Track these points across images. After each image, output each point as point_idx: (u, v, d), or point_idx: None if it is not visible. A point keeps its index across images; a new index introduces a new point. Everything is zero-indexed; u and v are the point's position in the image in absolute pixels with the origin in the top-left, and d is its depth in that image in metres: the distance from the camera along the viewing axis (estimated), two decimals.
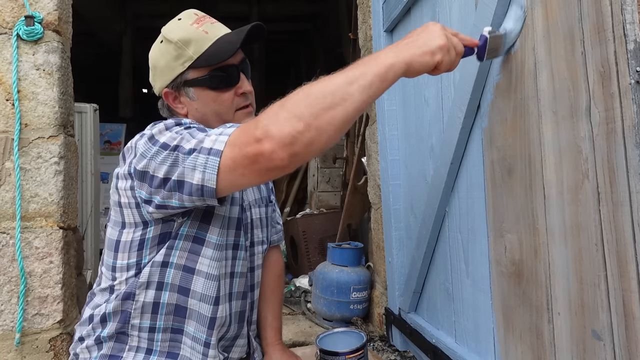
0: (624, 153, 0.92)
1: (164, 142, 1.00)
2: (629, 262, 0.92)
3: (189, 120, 1.09)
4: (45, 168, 2.25)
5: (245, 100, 1.18)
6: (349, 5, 5.55)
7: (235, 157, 0.89)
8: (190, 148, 0.96)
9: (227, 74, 1.14)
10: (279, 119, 0.85)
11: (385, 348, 2.49)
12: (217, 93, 1.15)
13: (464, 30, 1.57)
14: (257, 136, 0.86)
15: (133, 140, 1.11)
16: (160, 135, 1.02)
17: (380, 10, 2.39)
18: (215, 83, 1.14)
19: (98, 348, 1.17)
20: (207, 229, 1.14)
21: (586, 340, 1.05)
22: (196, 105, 1.18)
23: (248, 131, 0.89)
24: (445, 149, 1.71)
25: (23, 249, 2.21)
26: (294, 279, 3.69)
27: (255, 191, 1.34)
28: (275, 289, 1.45)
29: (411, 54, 0.94)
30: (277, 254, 1.51)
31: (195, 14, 1.19)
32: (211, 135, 0.96)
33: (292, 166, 0.88)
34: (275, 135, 0.84)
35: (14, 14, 2.26)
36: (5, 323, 2.19)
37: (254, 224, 1.30)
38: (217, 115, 1.17)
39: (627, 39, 0.91)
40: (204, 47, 1.12)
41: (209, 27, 1.15)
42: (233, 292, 1.24)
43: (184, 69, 1.15)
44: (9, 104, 2.23)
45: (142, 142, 1.05)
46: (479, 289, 1.56)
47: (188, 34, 1.14)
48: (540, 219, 1.20)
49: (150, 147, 1.02)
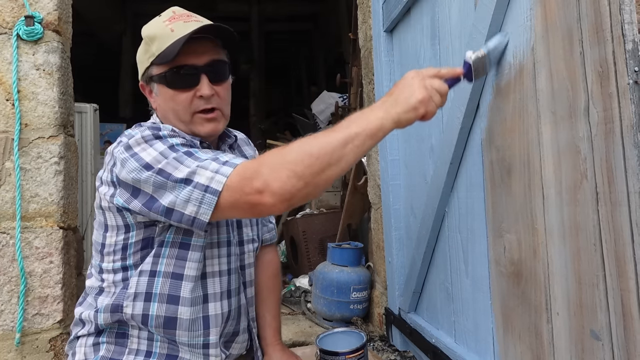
0: (623, 153, 0.92)
1: (147, 163, 1.01)
2: (627, 262, 0.92)
3: (168, 132, 1.08)
4: (46, 168, 2.25)
5: (205, 103, 1.15)
6: (349, 5, 5.56)
7: (235, 202, 0.97)
8: (182, 178, 0.98)
9: (183, 74, 1.13)
10: (281, 176, 0.92)
11: (385, 348, 2.49)
12: (174, 92, 1.14)
13: (464, 30, 1.57)
14: (258, 188, 0.93)
15: (111, 147, 1.13)
16: (139, 147, 1.03)
17: (380, 10, 2.39)
18: (171, 82, 1.14)
19: (95, 350, 1.18)
20: (192, 233, 1.14)
21: (585, 340, 1.05)
22: (159, 101, 1.19)
23: (248, 179, 0.95)
24: (444, 149, 1.71)
25: (23, 249, 2.21)
26: (294, 279, 3.69)
27: None
28: (272, 288, 1.45)
29: (397, 112, 1.00)
30: (272, 253, 1.50)
31: (174, 11, 1.19)
32: (204, 167, 0.98)
33: (286, 211, 1.00)
34: (277, 191, 0.92)
35: (14, 14, 2.26)
36: (5, 323, 2.19)
37: (242, 222, 1.31)
38: (175, 114, 1.16)
39: (626, 39, 0.91)
40: (165, 45, 1.11)
41: (179, 25, 1.13)
42: (231, 289, 1.24)
43: (149, 64, 1.16)
44: (9, 104, 2.23)
45: (120, 150, 1.06)
46: (479, 288, 1.56)
47: (155, 30, 1.15)
48: (539, 219, 1.20)
49: (130, 160, 1.03)
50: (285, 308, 3.30)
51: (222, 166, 0.98)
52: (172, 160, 1.00)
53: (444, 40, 1.75)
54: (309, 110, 6.06)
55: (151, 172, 1.00)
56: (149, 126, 1.11)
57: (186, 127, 1.18)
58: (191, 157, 1.01)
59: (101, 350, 1.17)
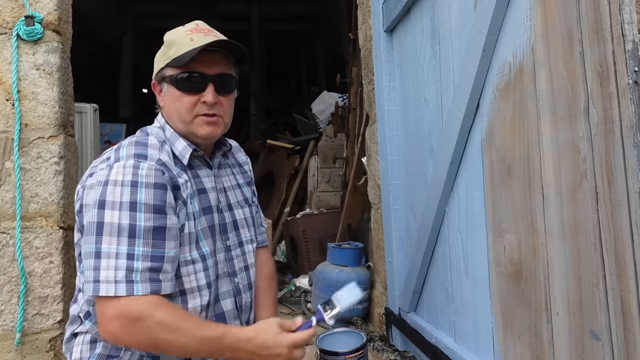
0: (622, 153, 0.92)
1: (104, 216, 1.09)
2: (627, 262, 0.92)
3: (147, 170, 1.13)
4: (46, 168, 2.25)
5: (208, 109, 1.23)
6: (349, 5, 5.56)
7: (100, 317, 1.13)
8: (96, 252, 1.09)
9: (193, 80, 1.22)
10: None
11: (385, 348, 2.49)
12: (181, 93, 1.22)
13: (464, 30, 1.58)
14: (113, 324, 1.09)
15: (98, 165, 1.19)
16: (111, 195, 1.10)
17: (380, 10, 2.40)
18: (180, 83, 1.22)
19: (92, 347, 1.19)
20: (186, 250, 1.19)
21: (584, 340, 1.05)
22: (166, 100, 1.26)
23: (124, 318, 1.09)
24: (444, 149, 1.71)
25: (23, 249, 2.21)
26: (294, 279, 3.69)
27: (238, 194, 1.40)
28: (268, 290, 1.47)
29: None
30: (266, 255, 1.53)
31: (197, 24, 1.29)
32: (114, 267, 1.08)
33: None
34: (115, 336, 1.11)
35: (14, 14, 2.26)
36: (5, 323, 2.19)
37: (239, 224, 1.36)
38: (178, 114, 1.24)
39: (625, 39, 0.91)
40: (182, 51, 1.20)
41: (199, 36, 1.22)
42: (219, 292, 1.27)
43: (164, 65, 1.24)
44: (9, 104, 2.23)
45: (98, 180, 1.13)
46: (478, 288, 1.56)
47: (176, 37, 1.24)
48: (539, 219, 1.20)
49: (97, 192, 1.11)
50: (285, 308, 3.31)
51: (124, 283, 1.06)
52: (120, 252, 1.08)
53: (444, 40, 1.76)
54: (309, 110, 6.06)
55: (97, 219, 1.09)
56: (135, 154, 1.16)
57: (185, 128, 1.24)
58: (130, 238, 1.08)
59: (98, 348, 1.19)
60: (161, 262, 1.10)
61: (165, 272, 1.11)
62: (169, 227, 1.12)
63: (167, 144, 1.24)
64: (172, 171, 1.18)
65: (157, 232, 1.10)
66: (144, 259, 1.08)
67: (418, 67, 2.03)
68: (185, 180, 1.21)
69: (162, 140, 1.24)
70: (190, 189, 1.22)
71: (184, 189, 1.19)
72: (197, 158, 1.28)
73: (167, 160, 1.19)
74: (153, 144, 1.21)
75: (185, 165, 1.23)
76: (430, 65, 1.89)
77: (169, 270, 1.12)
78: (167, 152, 1.22)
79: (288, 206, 4.91)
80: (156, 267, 1.09)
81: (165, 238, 1.11)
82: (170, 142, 1.24)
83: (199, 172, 1.28)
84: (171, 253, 1.12)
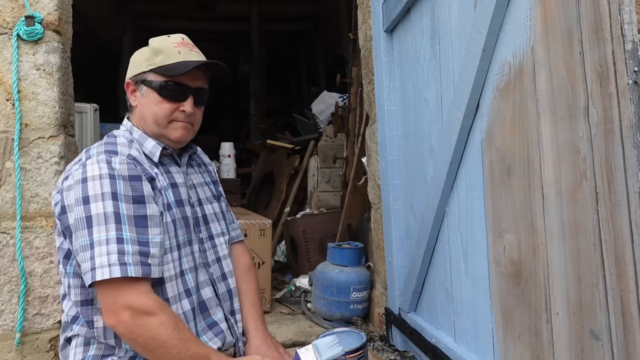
0: (622, 153, 0.92)
1: (91, 210, 1.13)
2: (626, 262, 0.92)
3: (119, 164, 1.18)
4: (46, 168, 2.26)
5: (185, 117, 1.31)
6: (349, 5, 5.56)
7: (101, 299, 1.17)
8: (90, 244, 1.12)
9: (176, 89, 1.29)
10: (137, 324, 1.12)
11: (385, 348, 2.49)
12: (161, 99, 1.29)
13: (464, 30, 1.58)
14: (119, 307, 1.12)
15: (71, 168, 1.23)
16: (92, 189, 1.13)
17: (380, 10, 2.40)
18: (164, 91, 1.29)
19: (85, 350, 1.22)
20: (165, 238, 1.22)
21: (584, 340, 1.05)
22: (143, 102, 1.32)
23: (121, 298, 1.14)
24: (444, 149, 1.71)
25: (23, 249, 2.21)
26: (294, 279, 3.69)
27: (206, 191, 1.47)
28: (247, 279, 1.52)
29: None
30: (242, 248, 1.59)
31: (183, 38, 1.37)
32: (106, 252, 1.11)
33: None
34: (121, 323, 1.13)
35: (14, 14, 2.26)
36: (5, 323, 2.19)
37: (209, 218, 1.42)
38: (154, 117, 1.30)
39: (625, 39, 0.91)
40: (169, 61, 1.29)
41: (185, 50, 1.32)
42: (190, 287, 1.29)
43: (147, 69, 1.30)
44: (9, 104, 2.23)
45: (74, 180, 1.17)
46: (479, 288, 1.56)
47: (164, 46, 1.32)
48: (538, 219, 1.20)
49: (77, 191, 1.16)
50: (285, 308, 3.30)
51: (117, 265, 1.10)
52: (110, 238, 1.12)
53: (444, 40, 1.76)
54: (309, 110, 6.05)
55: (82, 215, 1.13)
56: (106, 151, 1.22)
57: (158, 130, 1.31)
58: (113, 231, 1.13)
59: (91, 350, 1.22)
60: (147, 247, 1.14)
61: (154, 257, 1.15)
62: (150, 215, 1.17)
63: (136, 144, 1.30)
64: (143, 165, 1.24)
65: (138, 220, 1.15)
66: (132, 242, 1.12)
67: (418, 67, 2.03)
68: (157, 173, 1.26)
69: (129, 140, 1.31)
70: (163, 181, 1.28)
71: (158, 180, 1.25)
72: (167, 156, 1.35)
73: (138, 155, 1.26)
74: (122, 142, 1.29)
75: (155, 162, 1.30)
76: (430, 65, 1.89)
77: (157, 254, 1.16)
78: (136, 150, 1.28)
79: (288, 206, 4.90)
80: (144, 252, 1.13)
81: (148, 225, 1.16)
82: (139, 142, 1.31)
83: (170, 168, 1.35)
84: (157, 239, 1.17)
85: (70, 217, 1.16)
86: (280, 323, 2.95)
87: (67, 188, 1.18)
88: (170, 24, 8.20)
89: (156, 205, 1.21)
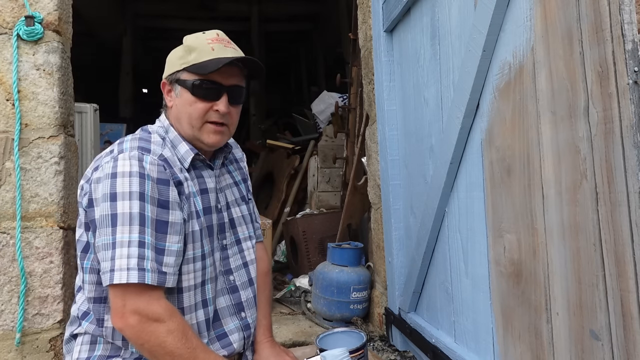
0: (622, 153, 0.92)
1: (117, 208, 1.11)
2: (627, 262, 0.92)
3: (149, 164, 1.15)
4: (46, 168, 2.25)
5: (219, 117, 1.26)
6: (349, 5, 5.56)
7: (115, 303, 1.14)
8: (113, 243, 1.10)
9: (209, 88, 1.24)
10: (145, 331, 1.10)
11: (385, 348, 2.49)
12: (195, 99, 1.24)
13: (464, 30, 1.58)
14: (130, 311, 1.10)
15: (102, 160, 1.19)
16: (120, 186, 1.11)
17: (380, 10, 2.40)
18: (196, 90, 1.24)
19: (91, 349, 1.21)
20: (189, 248, 1.20)
21: (584, 340, 1.05)
22: (177, 102, 1.28)
23: (140, 303, 1.12)
24: (444, 148, 1.71)
25: (23, 249, 2.21)
26: (294, 279, 3.69)
27: (235, 192, 1.42)
28: (263, 286, 1.48)
29: None
30: (262, 251, 1.54)
31: (217, 34, 1.32)
32: (127, 255, 1.09)
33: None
34: (130, 327, 1.11)
35: (14, 14, 2.26)
36: (5, 323, 2.19)
37: (236, 222, 1.39)
38: (188, 118, 1.26)
39: (625, 39, 0.91)
40: (202, 59, 1.23)
41: (219, 47, 1.26)
42: (207, 298, 1.27)
43: (180, 68, 1.26)
44: (9, 104, 2.23)
45: (104, 174, 1.14)
46: (479, 288, 1.56)
47: (197, 44, 1.26)
48: (538, 219, 1.20)
49: (105, 186, 1.13)
50: (285, 308, 3.30)
51: (136, 270, 1.08)
52: (134, 242, 1.09)
53: (444, 40, 1.76)
54: (309, 110, 6.05)
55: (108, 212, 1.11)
56: (139, 147, 1.18)
57: (192, 133, 1.26)
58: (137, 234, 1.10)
59: (98, 350, 1.20)
60: (162, 255, 1.12)
61: (168, 266, 1.12)
62: (171, 222, 1.14)
63: (169, 144, 1.26)
64: (173, 167, 1.20)
65: (160, 225, 1.12)
66: (152, 248, 1.10)
67: (418, 67, 2.03)
68: (186, 178, 1.23)
69: (163, 137, 1.27)
70: (192, 187, 1.24)
71: (187, 186, 1.22)
72: (199, 161, 1.30)
73: (170, 156, 1.22)
74: (156, 140, 1.24)
75: (186, 167, 1.25)
76: (430, 65, 1.89)
77: (172, 264, 1.13)
78: (169, 150, 1.24)
79: (288, 206, 4.91)
80: (160, 260, 1.11)
81: (167, 232, 1.13)
82: (172, 144, 1.27)
83: (202, 172, 1.31)
84: (174, 247, 1.14)
85: (97, 212, 1.13)
86: (280, 323, 2.95)
87: (96, 180, 1.15)
88: (170, 24, 8.21)
89: (180, 212, 1.18)
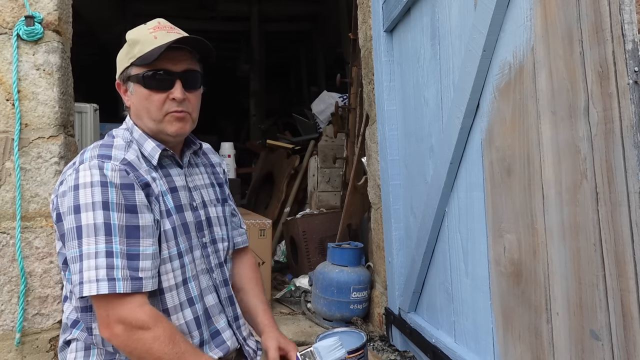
0: (622, 153, 0.92)
1: (81, 220, 1.10)
2: (627, 262, 0.92)
3: (111, 171, 1.14)
4: (46, 168, 2.25)
5: (177, 105, 1.22)
6: (349, 5, 5.55)
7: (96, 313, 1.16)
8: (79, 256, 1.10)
9: (161, 77, 1.21)
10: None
11: (385, 348, 2.49)
12: (149, 92, 1.21)
13: (464, 30, 1.57)
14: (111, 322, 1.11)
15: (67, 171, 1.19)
16: (83, 197, 1.10)
17: (380, 10, 2.40)
18: (148, 82, 1.21)
19: (86, 355, 1.20)
20: (164, 247, 1.19)
21: (584, 340, 1.05)
22: (134, 100, 1.26)
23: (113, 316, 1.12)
24: (444, 149, 1.71)
25: (23, 249, 2.21)
26: (294, 279, 3.69)
27: (210, 193, 1.41)
28: (256, 280, 1.50)
29: None
30: (249, 253, 1.56)
31: (159, 22, 1.29)
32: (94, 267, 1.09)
33: None
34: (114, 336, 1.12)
35: (14, 14, 2.26)
36: (5, 323, 2.19)
37: (212, 222, 1.37)
38: (148, 113, 1.23)
39: (626, 39, 0.91)
40: (146, 49, 1.20)
41: (162, 34, 1.22)
42: (202, 289, 1.27)
43: (128, 64, 1.24)
44: (9, 104, 2.23)
45: (67, 186, 1.14)
46: (478, 288, 1.56)
47: (139, 36, 1.24)
48: (539, 219, 1.20)
49: (69, 198, 1.12)
50: (285, 308, 3.31)
51: (106, 281, 1.07)
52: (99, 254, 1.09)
53: (444, 40, 1.76)
54: (309, 110, 6.05)
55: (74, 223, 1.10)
56: (99, 155, 1.17)
57: (156, 126, 1.24)
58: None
59: (93, 356, 1.20)
60: (137, 260, 1.11)
61: (145, 270, 1.11)
62: (142, 226, 1.13)
63: (135, 145, 1.24)
64: (138, 170, 1.18)
65: (130, 231, 1.11)
66: (122, 256, 1.09)
67: (418, 67, 2.03)
68: (154, 178, 1.21)
69: (128, 141, 1.24)
70: (161, 186, 1.22)
71: (155, 186, 1.20)
72: (167, 158, 1.28)
73: (134, 159, 1.20)
74: (118, 144, 1.22)
75: (154, 165, 1.24)
76: (430, 65, 1.89)
77: (149, 267, 1.12)
78: (134, 151, 1.22)
79: (288, 206, 4.90)
80: (135, 265, 1.10)
81: (140, 236, 1.12)
82: (138, 143, 1.25)
83: (170, 170, 1.29)
84: (149, 250, 1.13)
85: (65, 225, 1.14)
86: (280, 323, 2.94)
87: (62, 194, 1.16)
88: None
89: (150, 214, 1.16)
